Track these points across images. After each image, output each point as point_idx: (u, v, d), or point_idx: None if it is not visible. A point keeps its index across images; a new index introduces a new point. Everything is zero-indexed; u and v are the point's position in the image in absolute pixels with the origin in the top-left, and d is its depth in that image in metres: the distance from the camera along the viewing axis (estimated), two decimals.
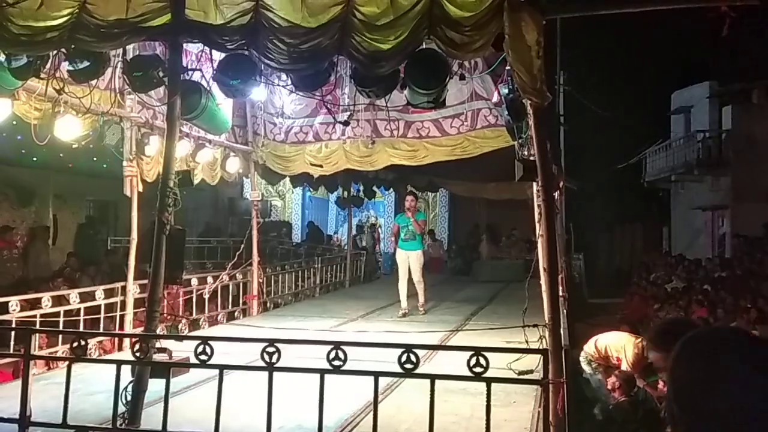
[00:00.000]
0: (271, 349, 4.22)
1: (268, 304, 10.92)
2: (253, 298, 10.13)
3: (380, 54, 4.69)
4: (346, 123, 7.43)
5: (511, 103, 5.08)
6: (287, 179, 12.36)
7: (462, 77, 5.74)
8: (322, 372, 4.19)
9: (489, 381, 4.02)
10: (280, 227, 19.19)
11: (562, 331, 4.23)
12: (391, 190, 18.61)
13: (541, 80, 4.25)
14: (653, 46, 20.42)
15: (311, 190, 18.30)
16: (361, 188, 15.01)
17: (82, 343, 4.57)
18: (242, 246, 9.86)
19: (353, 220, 17.05)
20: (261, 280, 10.38)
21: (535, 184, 5.71)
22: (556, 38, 13.54)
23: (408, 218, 9.82)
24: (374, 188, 15.68)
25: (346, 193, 14.99)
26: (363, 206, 17.80)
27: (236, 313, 9.94)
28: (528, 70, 4.22)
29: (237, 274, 9.89)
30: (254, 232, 10.14)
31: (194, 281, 9.00)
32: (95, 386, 4.84)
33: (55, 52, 5.29)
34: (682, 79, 21.43)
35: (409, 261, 9.71)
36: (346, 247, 16.45)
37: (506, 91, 5.12)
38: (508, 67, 4.94)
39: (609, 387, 6.93)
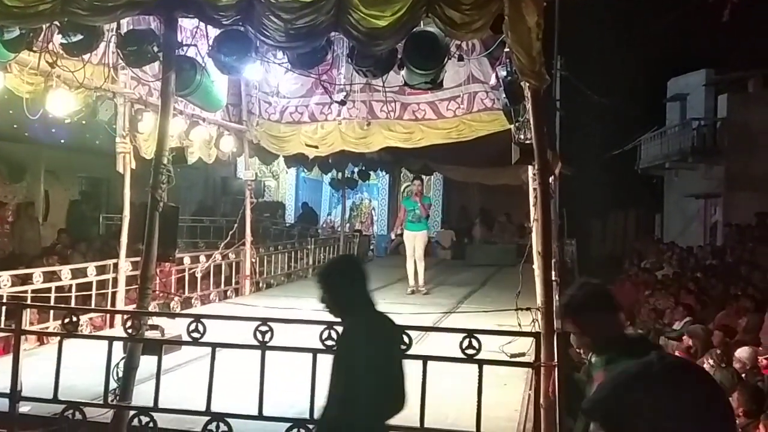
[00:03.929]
0: (264, 328, 4.22)
1: (260, 284, 10.92)
2: (246, 278, 10.12)
3: (377, 31, 4.62)
4: (342, 102, 7.38)
5: (508, 86, 5.04)
6: (281, 159, 12.30)
7: (460, 58, 5.69)
8: (315, 351, 4.20)
9: (481, 363, 4.05)
10: (274, 208, 19.13)
11: (554, 315, 4.23)
12: (385, 172, 18.61)
13: (540, 63, 4.21)
14: (650, 32, 20.33)
15: (305, 170, 18.22)
16: (356, 170, 14.97)
17: (74, 319, 4.57)
18: (235, 226, 9.83)
19: (347, 202, 17.05)
20: (254, 260, 10.37)
21: (531, 168, 5.71)
22: (554, 22, 13.43)
23: (415, 202, 10.44)
24: (368, 170, 15.66)
25: (340, 174, 14.95)
26: (357, 188, 17.77)
27: (229, 293, 9.93)
28: (527, 53, 4.18)
29: (230, 254, 9.87)
30: (248, 212, 10.10)
31: (187, 260, 8.98)
32: (86, 362, 4.82)
33: (47, 24, 5.20)
34: (679, 67, 21.37)
35: (415, 241, 10.23)
36: (339, 229, 16.46)
37: (504, 73, 5.08)
38: (507, 49, 4.91)
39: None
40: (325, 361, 4.23)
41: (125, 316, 4.62)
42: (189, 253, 9.63)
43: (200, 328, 4.28)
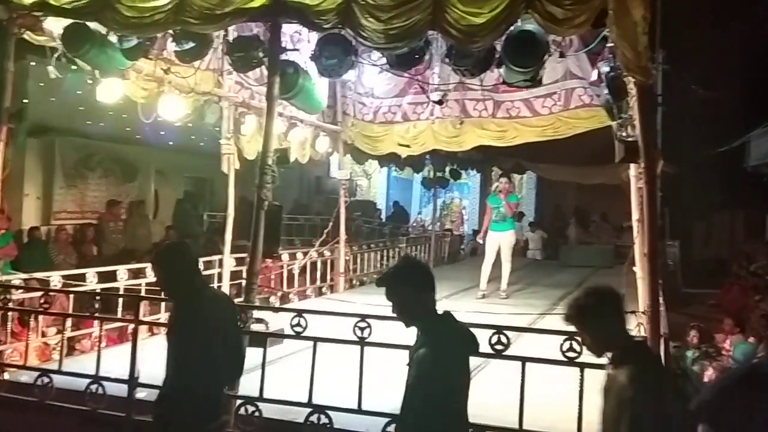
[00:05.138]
0: (362, 324, 4.32)
1: (354, 282, 11.12)
2: (340, 275, 10.34)
3: (474, 29, 4.59)
4: (440, 102, 7.37)
5: (611, 82, 4.89)
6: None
7: (561, 55, 5.56)
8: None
9: (582, 366, 3.95)
10: (367, 206, 19.42)
11: (661, 319, 4.07)
12: (476, 171, 18.47)
13: (647, 57, 4.07)
14: (762, 19, 19.03)
15: (396, 169, 18.38)
16: (447, 169, 14.94)
17: None
18: (330, 224, 10.06)
19: (438, 201, 17.05)
20: (348, 258, 10.58)
21: (633, 166, 5.51)
22: (656, 13, 12.85)
23: (500, 199, 9.82)
24: (460, 169, 15.59)
25: (432, 173, 14.94)
26: (448, 187, 17.73)
27: (323, 289, 10.20)
28: (633, 47, 4.04)
29: (325, 251, 10.12)
30: (342, 211, 10.32)
31: (285, 257, 9.28)
32: None
33: (162, 33, 5.53)
34: None
35: (500, 242, 9.69)
36: (429, 228, 16.51)
37: (607, 69, 4.93)
38: (610, 44, 4.77)
39: (706, 380, 6.66)
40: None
41: None
42: (286, 250, 9.93)
43: (302, 322, 4.44)
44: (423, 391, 2.94)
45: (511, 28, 4.72)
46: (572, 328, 4.25)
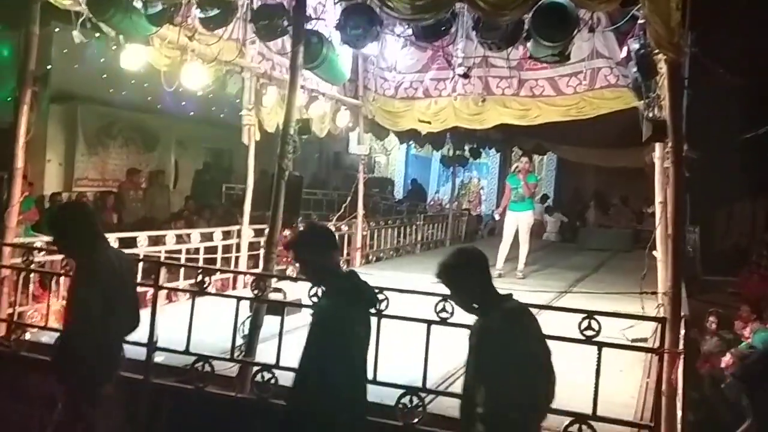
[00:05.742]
0: (380, 297, 4.31)
1: (370, 257, 11.13)
2: (357, 250, 10.35)
3: (503, 1, 4.50)
4: (465, 76, 7.27)
5: (641, 59, 4.79)
6: (392, 135, 12.39)
7: (591, 29, 5.44)
8: (429, 323, 4.26)
9: (600, 345, 3.94)
10: (384, 183, 19.38)
11: (682, 301, 4.03)
12: (496, 150, 18.32)
13: (679, 34, 3.98)
14: None
15: (416, 147, 18.28)
16: (467, 147, 14.82)
17: (206, 279, 4.87)
18: (348, 199, 10.05)
19: (456, 180, 16.95)
20: (365, 234, 10.58)
21: (659, 147, 5.44)
22: None
23: (519, 179, 9.67)
24: (479, 148, 15.46)
25: (452, 151, 14.83)
26: (467, 166, 17.62)
27: (340, 263, 10.20)
28: (665, 23, 3.94)
29: (342, 226, 10.13)
30: (360, 186, 10.31)
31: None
32: (212, 320, 5.13)
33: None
34: None
35: (518, 223, 9.58)
36: (447, 207, 16.47)
37: (637, 46, 4.82)
38: (640, 21, 4.67)
39: (723, 365, 6.62)
40: (437, 334, 4.30)
41: (251, 278, 4.86)
42: (304, 223, 9.94)
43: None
44: (318, 341, 3.15)
45: (541, 1, 4.64)
46: (591, 307, 4.25)
